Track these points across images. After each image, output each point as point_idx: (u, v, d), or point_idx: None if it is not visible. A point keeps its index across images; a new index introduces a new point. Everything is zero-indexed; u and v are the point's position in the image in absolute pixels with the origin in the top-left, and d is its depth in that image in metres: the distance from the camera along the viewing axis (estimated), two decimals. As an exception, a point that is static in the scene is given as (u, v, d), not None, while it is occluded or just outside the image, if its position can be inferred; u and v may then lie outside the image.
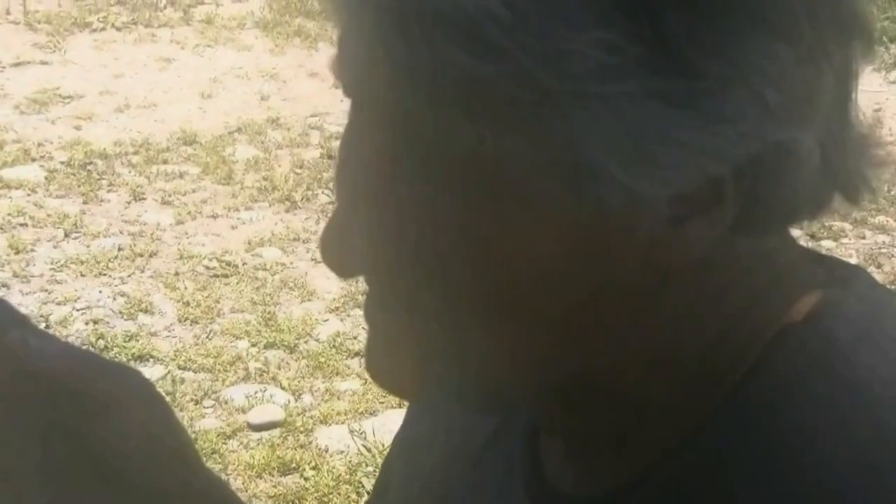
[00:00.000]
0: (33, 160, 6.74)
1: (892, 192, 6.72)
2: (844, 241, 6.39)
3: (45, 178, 6.59)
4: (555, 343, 0.99)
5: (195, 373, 5.35)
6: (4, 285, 5.84)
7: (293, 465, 4.67)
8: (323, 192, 6.49)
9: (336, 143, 1.02)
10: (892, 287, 6.02)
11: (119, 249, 6.13)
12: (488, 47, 0.87)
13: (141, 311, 5.70)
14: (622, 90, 0.87)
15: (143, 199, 6.48)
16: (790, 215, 0.98)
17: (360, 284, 1.05)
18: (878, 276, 6.06)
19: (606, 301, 0.97)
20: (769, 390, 0.99)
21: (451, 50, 0.87)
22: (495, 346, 0.99)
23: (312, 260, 5.70)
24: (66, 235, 6.20)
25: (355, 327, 5.34)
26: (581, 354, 1.00)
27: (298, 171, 6.80)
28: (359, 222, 0.97)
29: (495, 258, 0.94)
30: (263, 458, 4.66)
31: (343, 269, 0.99)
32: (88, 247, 6.09)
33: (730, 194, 0.91)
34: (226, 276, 5.91)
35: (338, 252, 0.98)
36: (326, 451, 4.70)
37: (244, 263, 6.00)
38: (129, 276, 5.94)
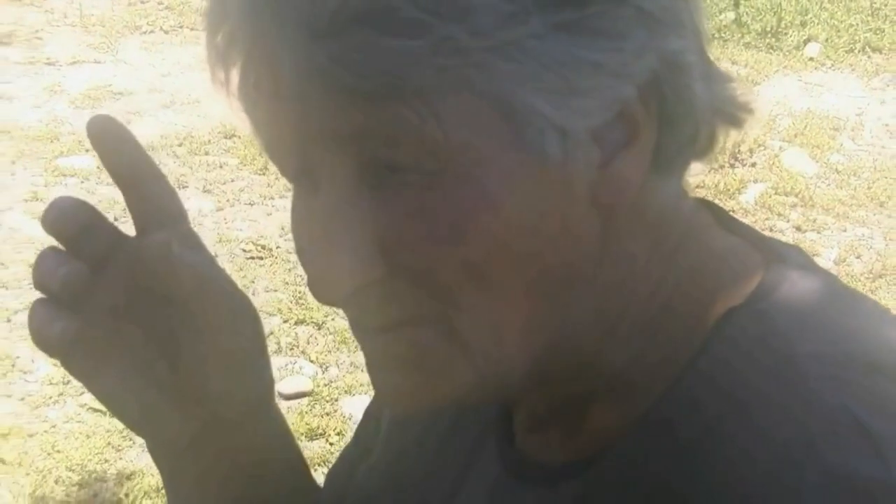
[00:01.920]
0: (86, 151, 6.73)
1: (871, 189, 6.72)
2: (826, 233, 6.36)
3: (97, 168, 6.59)
4: (532, 308, 0.98)
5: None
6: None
7: (320, 431, 4.68)
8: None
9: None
10: (873, 274, 6.00)
11: (166, 232, 6.10)
12: (408, 25, 0.87)
13: (181, 289, 5.70)
14: (528, 32, 0.89)
15: (186, 187, 6.48)
16: (695, 138, 1.00)
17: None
18: (858, 265, 6.05)
19: (567, 254, 0.97)
20: (715, 369, 0.99)
21: (378, 39, 0.87)
22: (487, 339, 0.98)
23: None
24: (116, 220, 6.03)
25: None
26: (553, 318, 1.00)
27: (328, 163, 6.63)
28: (341, 251, 0.95)
29: (473, 235, 0.93)
30: (293, 424, 4.64)
31: (334, 297, 0.98)
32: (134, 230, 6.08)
33: (642, 120, 0.95)
34: (261, 258, 5.92)
35: (330, 279, 0.96)
36: (350, 418, 4.72)
37: (277, 247, 6.01)
38: (173, 255, 5.91)
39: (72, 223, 1.08)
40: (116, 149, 1.10)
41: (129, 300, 1.10)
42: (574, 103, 0.92)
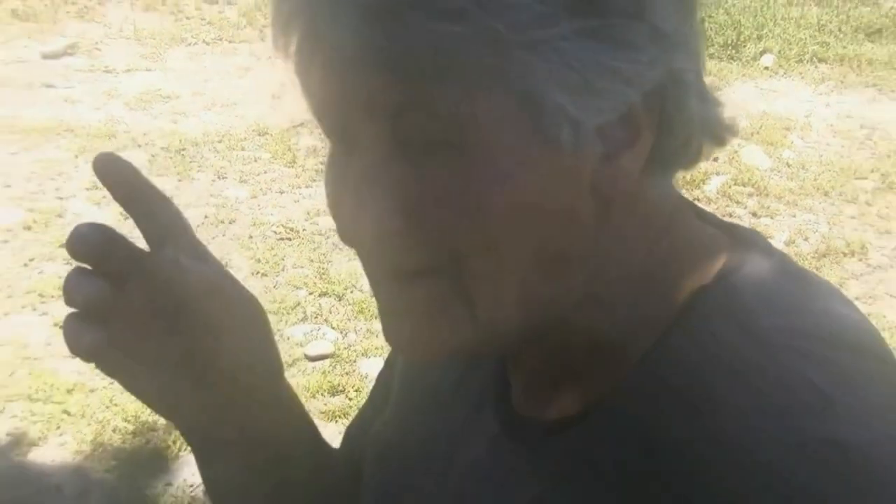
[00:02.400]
0: (139, 146, 6.73)
1: (817, 181, 6.71)
2: (778, 218, 6.35)
3: (149, 161, 6.59)
4: (533, 274, 0.98)
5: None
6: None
7: (340, 388, 4.68)
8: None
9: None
10: (818, 254, 5.99)
11: (205, 217, 6.13)
12: (454, 13, 0.87)
13: (224, 264, 5.67)
14: (558, 34, 0.89)
15: (225, 178, 6.48)
16: (691, 148, 1.01)
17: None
18: (806, 246, 6.03)
19: (567, 232, 0.98)
20: (689, 339, 0.99)
21: (427, 22, 0.87)
22: (493, 300, 0.98)
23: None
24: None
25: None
26: (550, 285, 1.00)
27: (348, 157, 6.62)
28: (367, 204, 0.96)
29: (489, 208, 0.94)
30: (316, 382, 4.69)
31: (358, 241, 0.99)
32: (184, 213, 6.07)
33: (644, 125, 0.95)
34: (289, 239, 5.92)
35: (358, 228, 0.97)
36: (366, 377, 4.72)
37: (304, 229, 6.00)
38: (212, 238, 5.93)
39: (93, 246, 1.07)
40: (120, 180, 1.11)
41: (148, 308, 1.10)
42: (589, 101, 0.92)
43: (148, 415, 4.68)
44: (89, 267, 1.08)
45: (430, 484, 1.17)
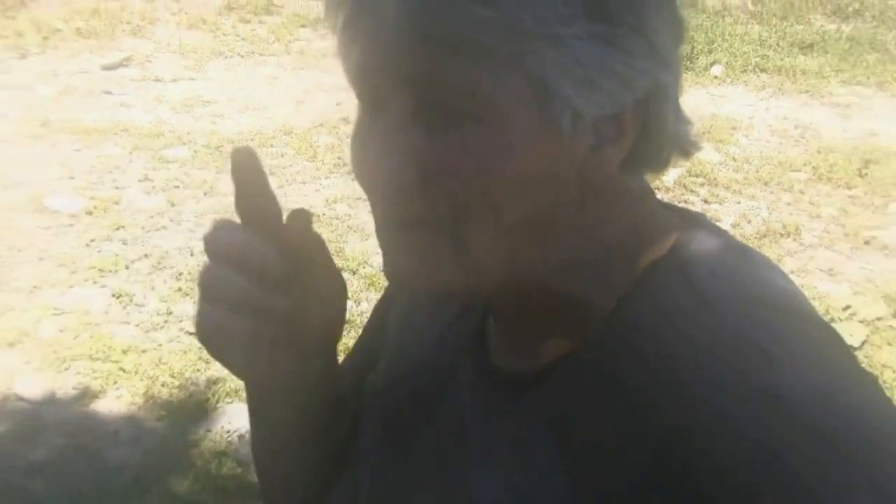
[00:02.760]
0: (183, 144, 6.71)
1: (758, 172, 6.70)
2: (726, 204, 6.35)
3: (192, 156, 6.58)
4: (519, 235, 0.99)
5: (290, 287, 5.34)
6: (161, 227, 5.85)
7: (353, 349, 4.68)
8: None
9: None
10: (759, 234, 5.99)
11: (239, 204, 6.08)
12: (490, 0, 0.88)
13: (254, 245, 5.69)
14: (574, 33, 0.90)
15: (256, 170, 6.47)
16: (662, 156, 1.02)
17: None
18: (749, 228, 6.03)
19: (554, 208, 0.99)
20: (646, 303, 1.00)
21: (465, 3, 0.88)
22: (483, 254, 0.99)
23: (369, 213, 5.68)
24: (205, 194, 6.17)
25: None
26: (532, 246, 1.01)
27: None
28: (386, 159, 0.97)
29: (496, 174, 0.94)
30: (335, 344, 4.67)
31: (376, 193, 1.00)
32: (219, 202, 6.08)
33: (629, 128, 0.97)
34: (320, 224, 5.88)
35: (376, 181, 0.99)
36: (377, 340, 4.70)
37: (323, 214, 5.99)
38: (246, 222, 5.89)
39: (235, 244, 1.06)
40: (250, 177, 1.08)
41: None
42: (591, 96, 0.94)
43: (191, 372, 4.69)
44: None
45: (421, 419, 1.17)
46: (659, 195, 1.11)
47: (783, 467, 0.86)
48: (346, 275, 5.25)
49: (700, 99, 7.46)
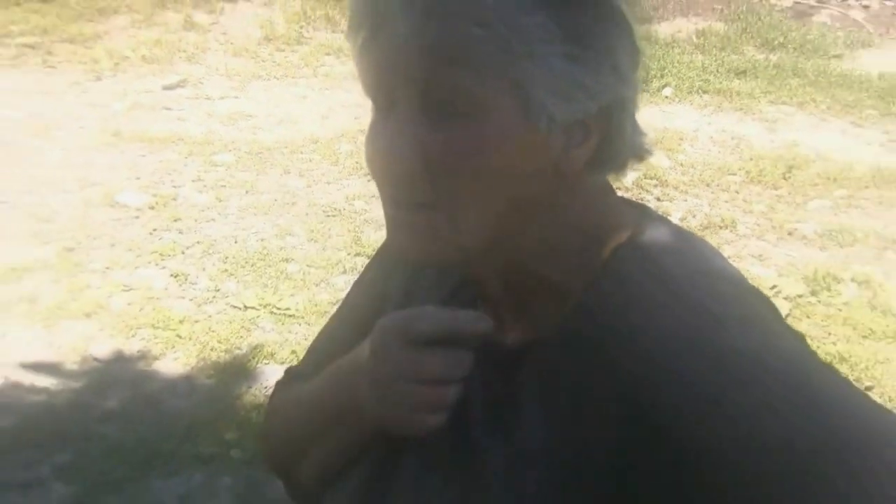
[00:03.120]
0: (229, 151, 6.71)
1: (701, 176, 6.70)
2: (675, 202, 6.34)
3: (236, 161, 6.58)
4: (502, 219, 1.00)
5: (317, 269, 5.33)
6: (211, 219, 5.84)
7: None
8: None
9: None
10: (702, 227, 5.98)
11: (275, 201, 6.08)
12: (483, 21, 0.92)
13: (288, 234, 5.68)
14: (552, 51, 0.93)
15: (289, 173, 6.46)
16: (620, 160, 1.04)
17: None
18: (693, 222, 6.02)
19: (532, 196, 1.00)
20: (614, 281, 1.02)
21: (462, 24, 0.92)
22: (472, 231, 1.00)
23: (382, 208, 5.72)
24: (246, 192, 6.17)
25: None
26: (512, 228, 1.02)
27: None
28: (395, 149, 0.99)
29: (484, 164, 0.96)
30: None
31: (384, 178, 1.02)
32: (258, 199, 6.07)
33: (593, 133, 0.99)
34: (334, 216, 5.90)
35: (385, 168, 1.00)
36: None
37: (344, 209, 5.97)
38: (281, 216, 5.90)
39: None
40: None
41: None
42: (563, 104, 0.96)
43: (235, 339, 4.70)
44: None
45: None
46: (619, 193, 1.12)
47: (731, 406, 0.89)
48: (363, 259, 5.27)
49: (654, 115, 7.45)
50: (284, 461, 1.29)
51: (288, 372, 1.38)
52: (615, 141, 1.02)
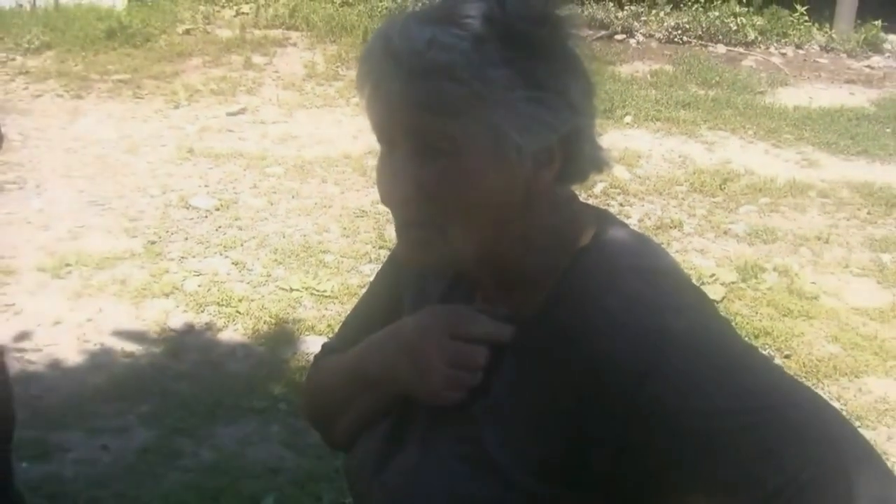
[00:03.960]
0: (278, 165, 6.70)
1: (655, 186, 6.64)
2: (634, 208, 6.27)
3: (284, 172, 6.56)
4: (486, 230, 1.01)
5: (348, 258, 5.28)
6: (264, 219, 5.79)
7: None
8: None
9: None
10: (655, 227, 5.94)
11: (315, 204, 6.02)
12: (460, 80, 0.93)
13: (325, 231, 5.63)
14: (517, 97, 0.95)
15: (326, 182, 6.44)
16: (582, 173, 1.05)
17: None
18: (649, 222, 5.98)
19: (509, 211, 1.01)
20: (580, 275, 1.02)
21: (442, 82, 0.93)
22: (462, 243, 1.01)
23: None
24: (293, 197, 6.13)
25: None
26: (496, 242, 1.02)
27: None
28: (398, 182, 1.00)
29: (468, 191, 0.97)
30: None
31: (390, 202, 1.03)
32: (302, 203, 6.02)
33: (557, 156, 1.00)
34: (362, 216, 5.84)
35: (390, 195, 1.02)
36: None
37: (370, 211, 5.89)
38: (319, 215, 5.84)
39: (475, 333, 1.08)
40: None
41: None
42: (529, 137, 0.97)
43: (283, 314, 4.69)
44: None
45: None
46: (588, 200, 1.10)
47: (667, 375, 0.90)
48: (385, 251, 5.22)
49: (616, 137, 7.39)
50: (323, 419, 1.27)
51: (324, 347, 1.35)
52: (576, 160, 1.02)
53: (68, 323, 4.52)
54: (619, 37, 10.15)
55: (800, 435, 0.85)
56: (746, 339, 1.02)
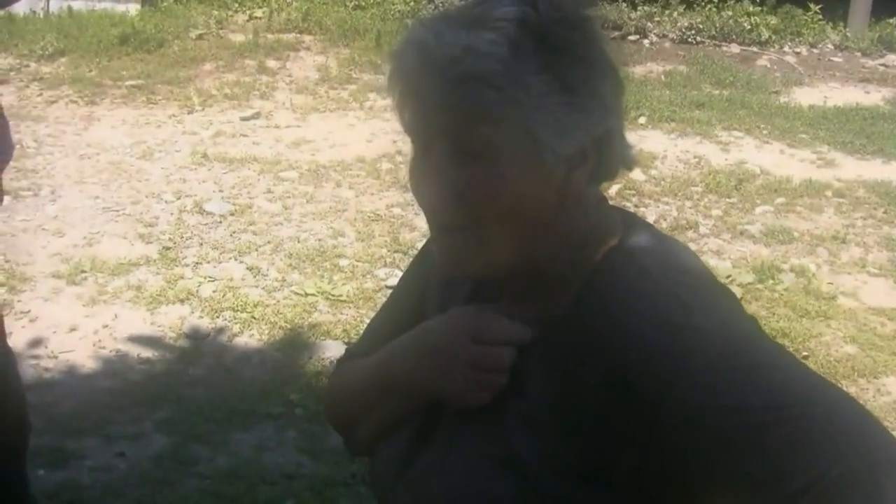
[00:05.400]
0: (293, 169, 6.68)
1: (670, 187, 6.62)
2: (650, 209, 6.22)
3: (298, 177, 6.54)
4: (519, 235, 1.00)
5: (363, 263, 5.26)
6: (279, 223, 5.78)
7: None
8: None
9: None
10: (671, 228, 5.92)
11: (330, 208, 6.01)
12: (496, 85, 0.93)
13: (339, 235, 5.62)
14: (553, 102, 0.95)
15: (340, 186, 6.43)
16: (613, 172, 1.05)
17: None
18: (664, 224, 5.95)
19: (543, 213, 1.00)
20: (609, 275, 1.02)
21: (480, 87, 0.93)
22: (498, 247, 1.00)
23: (415, 214, 5.67)
24: (307, 202, 6.12)
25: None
26: (530, 245, 1.01)
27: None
28: (434, 184, 1.00)
29: (503, 196, 0.97)
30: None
31: (425, 205, 1.02)
32: (316, 207, 6.02)
33: (591, 157, 1.00)
34: (376, 220, 5.82)
35: (426, 198, 1.02)
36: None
37: (384, 215, 5.88)
38: (334, 220, 5.84)
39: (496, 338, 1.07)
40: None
41: None
42: (563, 140, 0.97)
43: (298, 319, 4.68)
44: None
45: None
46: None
47: (695, 373, 0.90)
48: (400, 255, 5.25)
49: (631, 138, 7.30)
50: (345, 424, 1.26)
51: (348, 351, 1.34)
52: (608, 159, 1.02)
53: (83, 329, 4.53)
54: (632, 37, 10.12)
55: (828, 431, 0.84)
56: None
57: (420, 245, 1.28)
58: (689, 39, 10.17)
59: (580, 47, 0.96)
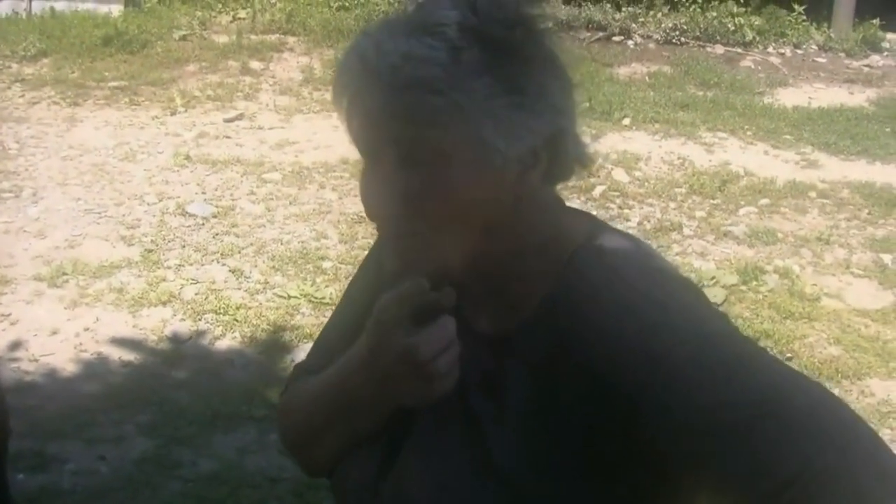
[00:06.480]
0: (276, 170, 6.68)
1: (654, 188, 6.63)
2: (633, 210, 6.26)
3: (282, 178, 6.54)
4: (472, 237, 0.99)
5: (346, 265, 5.25)
6: (262, 226, 5.77)
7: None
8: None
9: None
10: (654, 229, 5.93)
11: (313, 210, 6.02)
12: (439, 91, 0.92)
13: (322, 237, 5.62)
14: (499, 104, 0.93)
15: (324, 188, 6.43)
16: (568, 171, 1.03)
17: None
18: (648, 225, 5.97)
19: (497, 216, 0.99)
20: (577, 277, 1.01)
21: (422, 94, 0.92)
22: (452, 250, 1.00)
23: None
24: (290, 203, 6.11)
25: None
26: (486, 247, 1.00)
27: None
28: (380, 196, 0.99)
29: (454, 200, 0.96)
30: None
31: (376, 217, 1.01)
32: (300, 209, 6.02)
33: (543, 157, 0.98)
34: (360, 222, 5.81)
35: (375, 209, 1.00)
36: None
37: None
38: (317, 222, 5.84)
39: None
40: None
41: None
42: (512, 142, 0.95)
43: (281, 322, 4.68)
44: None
45: None
46: (587, 204, 1.09)
47: (669, 371, 0.90)
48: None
49: (615, 140, 7.39)
50: (301, 445, 1.20)
51: (297, 368, 1.28)
52: (561, 159, 1.00)
53: (65, 332, 4.52)
54: (616, 38, 10.15)
55: (807, 426, 0.84)
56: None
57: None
58: (674, 40, 10.21)
59: (523, 46, 0.94)
